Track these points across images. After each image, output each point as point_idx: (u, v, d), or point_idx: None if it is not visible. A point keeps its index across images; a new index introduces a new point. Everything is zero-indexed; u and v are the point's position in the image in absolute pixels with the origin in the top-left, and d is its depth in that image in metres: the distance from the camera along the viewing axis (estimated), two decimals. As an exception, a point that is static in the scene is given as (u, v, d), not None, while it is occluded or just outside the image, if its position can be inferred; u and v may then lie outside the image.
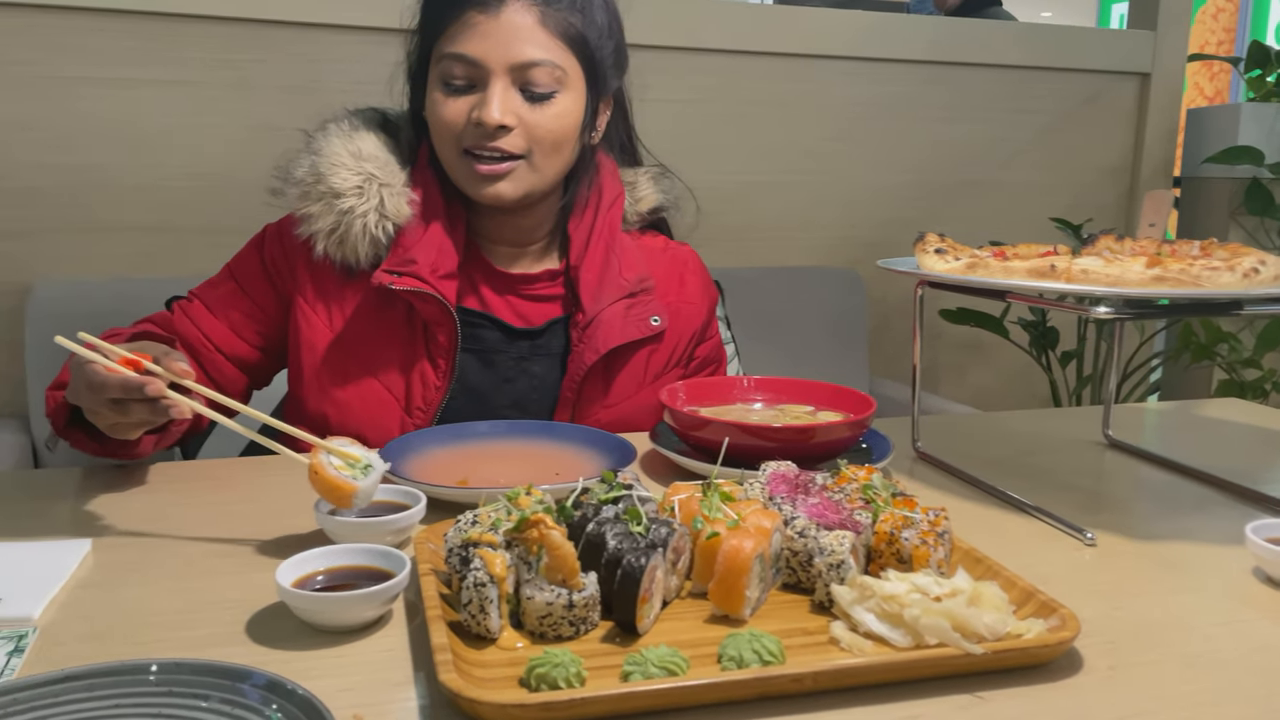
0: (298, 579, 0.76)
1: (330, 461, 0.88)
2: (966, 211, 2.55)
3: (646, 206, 1.38)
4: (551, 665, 0.65)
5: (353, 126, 1.25)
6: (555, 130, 1.20)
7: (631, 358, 1.29)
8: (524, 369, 1.28)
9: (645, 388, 1.30)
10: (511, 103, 1.17)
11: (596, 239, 1.29)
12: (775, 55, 2.34)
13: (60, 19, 1.83)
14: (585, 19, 1.21)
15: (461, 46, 1.17)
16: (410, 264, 1.20)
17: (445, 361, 1.23)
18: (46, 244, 1.90)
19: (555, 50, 1.18)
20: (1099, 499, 1.13)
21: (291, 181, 1.22)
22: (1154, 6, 2.59)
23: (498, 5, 1.17)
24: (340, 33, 2.02)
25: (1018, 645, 0.70)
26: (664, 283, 1.34)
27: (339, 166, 1.20)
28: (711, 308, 1.41)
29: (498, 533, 0.76)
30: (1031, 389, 2.69)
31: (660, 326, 1.28)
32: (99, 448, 1.06)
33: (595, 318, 1.25)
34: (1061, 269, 0.95)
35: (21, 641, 0.71)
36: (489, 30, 1.16)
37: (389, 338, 1.24)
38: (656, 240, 1.40)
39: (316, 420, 1.23)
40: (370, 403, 1.22)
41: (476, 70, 1.17)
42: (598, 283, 1.27)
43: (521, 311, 1.29)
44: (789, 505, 0.85)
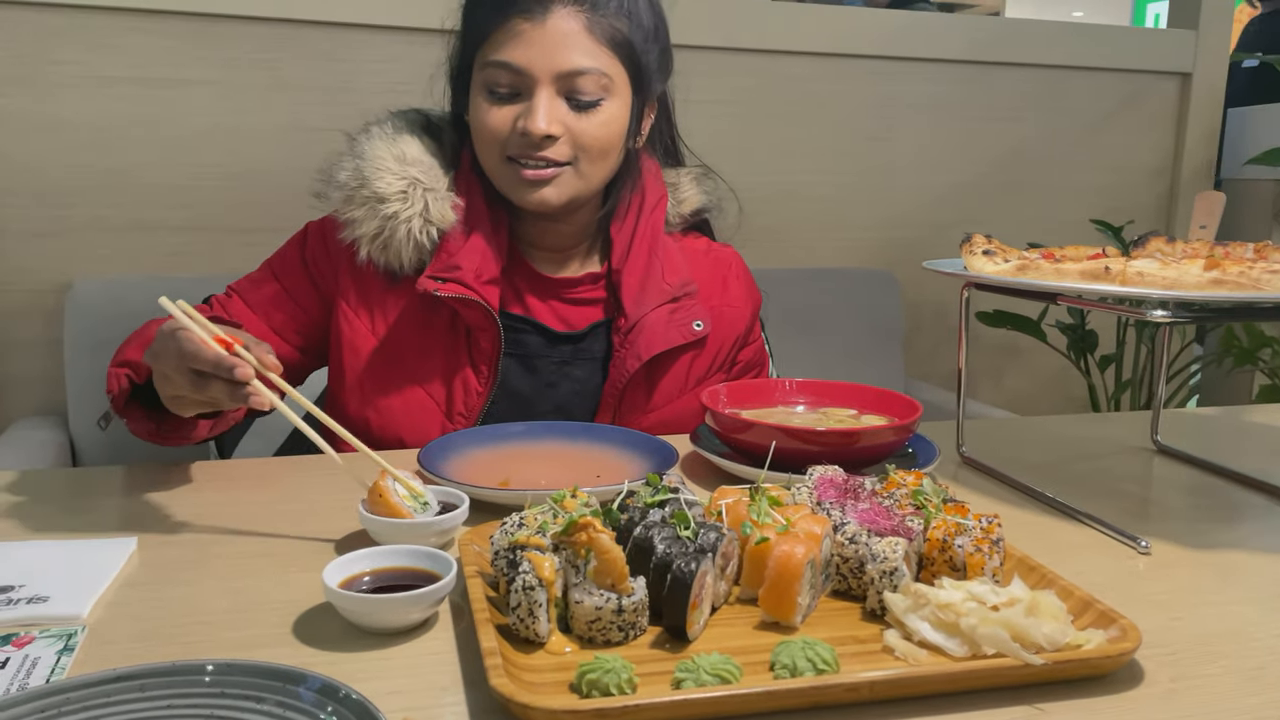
0: (344, 580, 0.75)
1: (395, 488, 0.88)
2: (1004, 213, 2.52)
3: (689, 208, 1.36)
4: (603, 671, 0.64)
5: (396, 129, 1.24)
6: (601, 138, 1.18)
7: (674, 363, 1.28)
8: (566, 373, 1.27)
9: (687, 392, 1.29)
10: (557, 111, 1.16)
11: (639, 242, 1.27)
12: (811, 55, 2.32)
13: (99, 19, 1.84)
14: (632, 23, 1.19)
15: (506, 54, 1.15)
16: (454, 270, 1.19)
17: (488, 367, 1.22)
18: (84, 243, 1.91)
19: (602, 57, 1.17)
20: (1150, 506, 1.11)
21: (334, 185, 1.21)
22: (1195, 6, 2.55)
23: (543, 13, 1.15)
24: (375, 33, 2.02)
25: (1078, 656, 0.68)
26: (707, 286, 1.32)
27: (383, 171, 1.19)
28: (755, 311, 1.39)
29: (545, 535, 0.75)
30: (1068, 393, 2.65)
31: (703, 331, 1.27)
32: (152, 429, 1.06)
33: (638, 323, 1.24)
34: (1116, 271, 0.93)
35: (71, 640, 0.71)
36: (534, 38, 1.14)
37: (432, 343, 1.23)
38: (699, 242, 1.38)
39: (358, 425, 1.23)
40: (412, 408, 1.22)
41: (521, 78, 1.16)
42: (640, 287, 1.26)
43: (563, 315, 1.28)
44: (838, 511, 0.83)
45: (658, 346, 1.24)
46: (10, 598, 0.76)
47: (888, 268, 2.40)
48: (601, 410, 1.26)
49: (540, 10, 1.15)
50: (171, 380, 0.94)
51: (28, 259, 1.89)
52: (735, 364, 1.36)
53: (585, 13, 1.16)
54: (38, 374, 1.92)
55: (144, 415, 1.07)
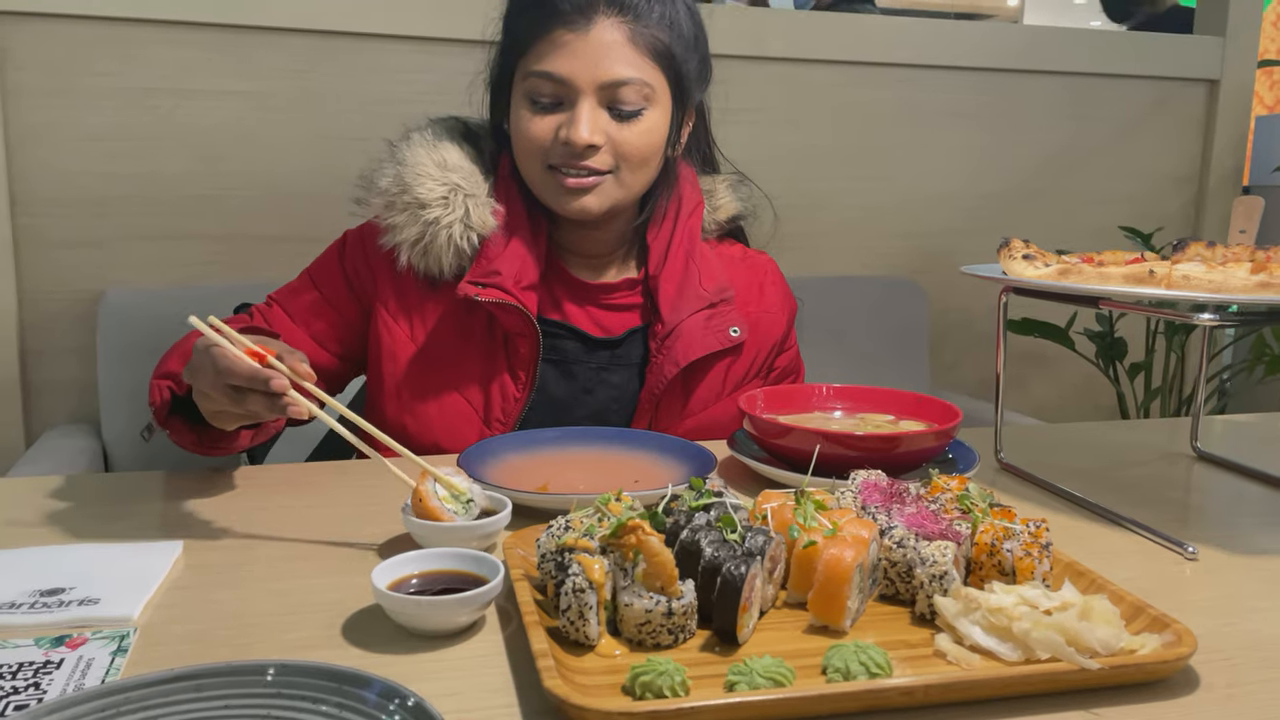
0: (392, 582, 0.76)
1: (435, 491, 0.88)
2: (1030, 220, 2.50)
3: (725, 215, 1.37)
4: (656, 673, 0.64)
5: (436, 136, 1.25)
6: (642, 147, 1.19)
7: (711, 369, 1.27)
8: (603, 379, 1.27)
9: (724, 398, 1.29)
10: (600, 121, 1.17)
11: (676, 248, 1.27)
12: (839, 63, 2.31)
13: (135, 31, 1.86)
14: (673, 34, 1.20)
15: (549, 65, 1.16)
16: (494, 275, 1.19)
17: (526, 373, 1.22)
18: (118, 252, 1.93)
19: (644, 68, 1.17)
20: (1193, 512, 1.10)
21: (376, 191, 1.22)
22: (1223, 12, 2.54)
23: (586, 23, 1.15)
24: (403, 43, 2.03)
25: (1134, 661, 0.67)
26: (743, 292, 1.33)
27: (424, 177, 1.20)
28: (791, 317, 1.39)
29: (592, 538, 0.75)
30: (1095, 401, 2.63)
31: (740, 338, 1.27)
32: (194, 440, 1.07)
33: (675, 329, 1.24)
34: (1161, 275, 0.92)
35: (124, 641, 0.71)
36: (578, 49, 1.15)
37: (470, 349, 1.23)
38: (734, 249, 1.39)
39: (396, 430, 1.22)
40: (450, 414, 1.22)
41: (564, 88, 1.16)
42: (677, 292, 1.26)
43: (601, 321, 1.28)
44: (884, 515, 0.83)
45: (695, 352, 1.24)
46: (61, 600, 0.77)
47: (913, 276, 2.39)
48: (638, 416, 1.26)
49: (584, 21, 1.15)
50: (210, 397, 0.95)
51: (61, 268, 1.90)
52: (772, 370, 1.36)
53: (628, 24, 1.16)
54: (70, 382, 1.94)
55: (185, 426, 1.07)
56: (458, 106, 1.42)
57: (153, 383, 1.09)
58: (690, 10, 1.24)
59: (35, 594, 0.77)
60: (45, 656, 0.69)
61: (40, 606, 0.75)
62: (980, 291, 2.49)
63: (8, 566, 0.82)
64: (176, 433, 1.07)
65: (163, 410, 1.07)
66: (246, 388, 0.90)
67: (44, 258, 1.89)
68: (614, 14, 1.16)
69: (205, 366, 0.92)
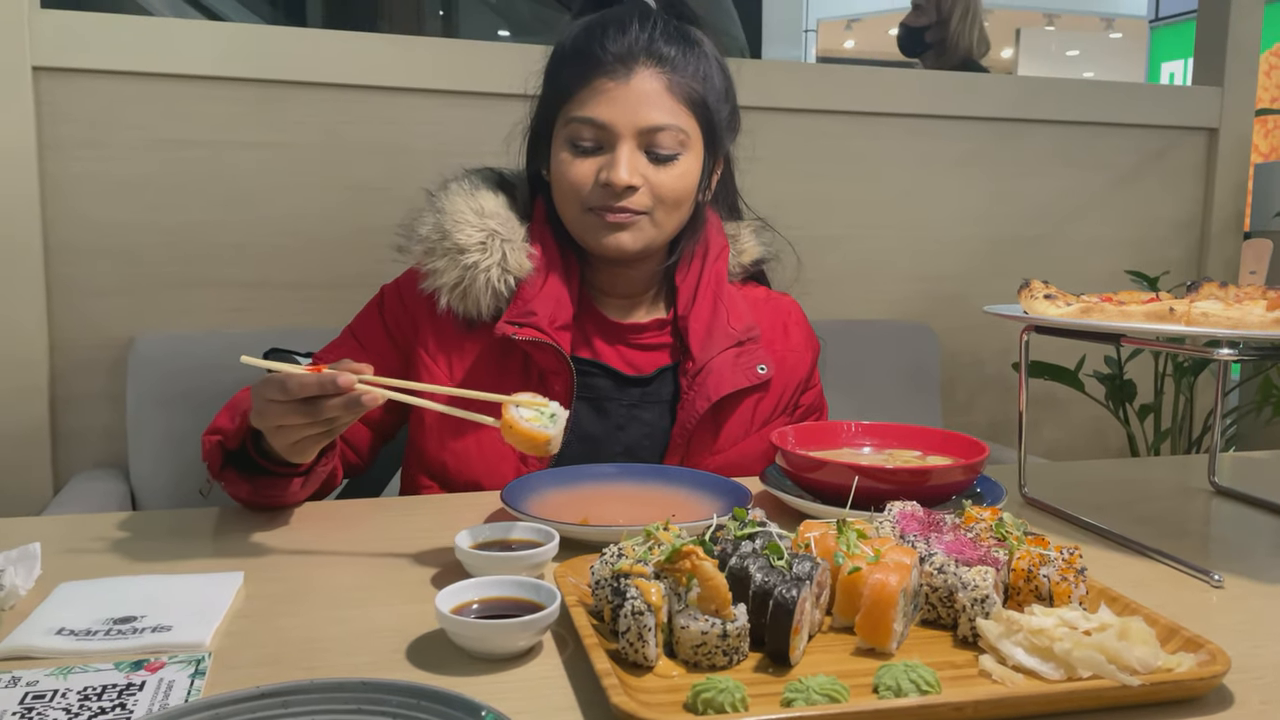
0: (454, 607, 0.79)
1: (521, 415, 0.92)
2: (1037, 265, 2.55)
3: (749, 258, 1.42)
4: (717, 690, 0.67)
5: (473, 185, 1.31)
6: (678, 189, 1.25)
7: (740, 405, 1.32)
8: (635, 416, 1.31)
9: (752, 434, 1.33)
10: (638, 164, 1.22)
11: (704, 289, 1.33)
12: (846, 114, 2.38)
13: (170, 86, 1.92)
14: (706, 85, 1.27)
15: (591, 111, 1.22)
16: (530, 315, 1.24)
17: None
18: (148, 300, 1.97)
19: (680, 115, 1.24)
20: (1214, 544, 1.13)
21: (416, 239, 1.28)
22: (1220, 63, 2.61)
23: (627, 73, 1.22)
24: (425, 96, 2.09)
25: (1172, 678, 0.70)
26: (769, 332, 1.38)
27: (463, 224, 1.26)
28: (815, 357, 1.44)
29: (646, 564, 0.78)
30: (1106, 443, 2.67)
31: (767, 375, 1.31)
32: (250, 490, 1.09)
33: (705, 365, 1.29)
34: (1180, 312, 0.96)
35: (201, 665, 0.74)
36: (618, 96, 1.22)
37: (506, 388, 1.26)
38: (758, 291, 1.44)
39: (436, 468, 1.28)
40: (488, 451, 1.26)
41: (605, 133, 1.23)
42: (706, 331, 1.31)
43: (632, 360, 1.33)
44: (922, 543, 0.86)
45: (725, 388, 1.28)
46: (135, 627, 0.80)
47: (924, 319, 2.43)
48: (670, 452, 1.29)
49: (624, 71, 1.22)
50: (286, 425, 0.97)
51: (92, 315, 1.94)
52: (798, 407, 1.40)
53: (666, 74, 1.24)
54: (99, 427, 1.97)
55: (240, 478, 1.09)
56: (476, 156, 1.48)
57: (204, 439, 1.12)
58: (721, 65, 1.31)
59: (109, 622, 0.80)
60: (127, 679, 0.72)
61: (115, 634, 0.78)
62: (991, 335, 2.53)
63: (81, 597, 0.85)
64: (232, 484, 1.10)
65: (215, 462, 1.10)
66: (319, 396, 0.93)
67: (76, 306, 1.93)
68: (653, 65, 1.23)
69: (273, 394, 0.95)
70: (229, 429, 1.10)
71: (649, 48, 1.24)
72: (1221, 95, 2.61)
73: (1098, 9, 11.97)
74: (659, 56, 1.24)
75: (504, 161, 1.41)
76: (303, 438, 0.99)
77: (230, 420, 1.11)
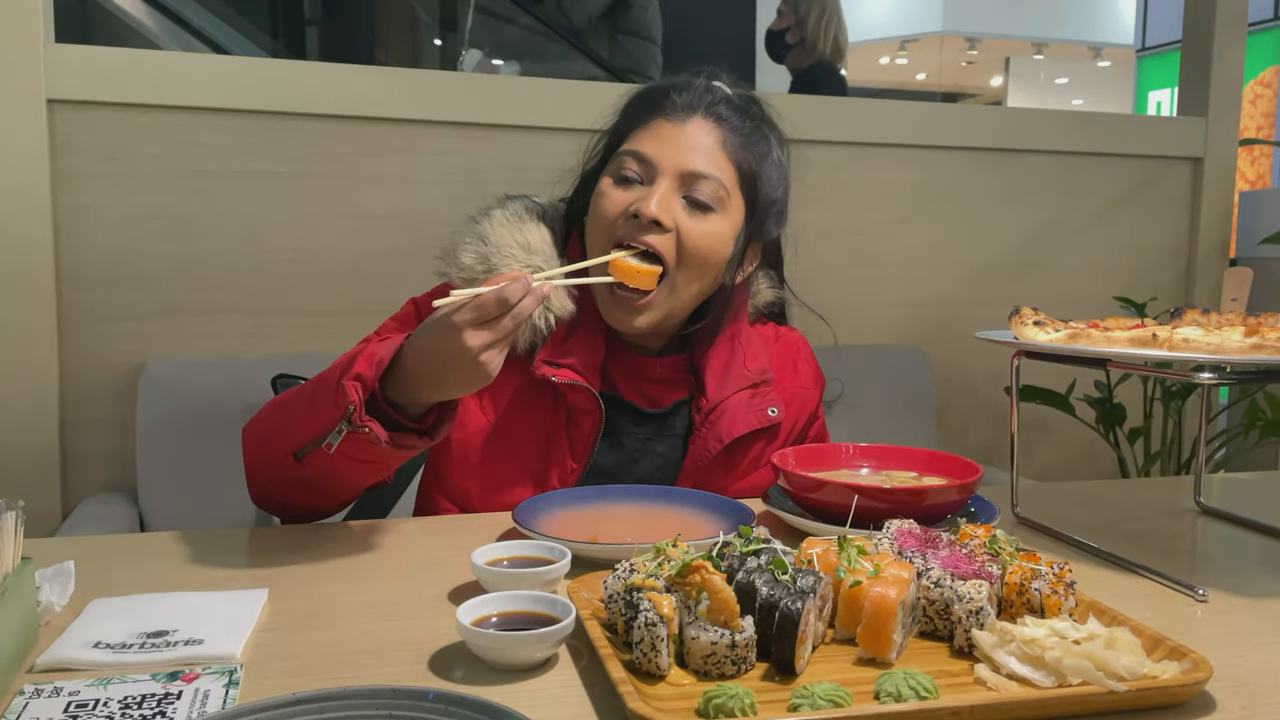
0: (474, 620, 0.82)
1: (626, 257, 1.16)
2: (1026, 291, 2.61)
3: (763, 300, 1.46)
4: (727, 696, 0.71)
5: (518, 217, 1.30)
6: (704, 246, 1.24)
7: (751, 446, 1.35)
8: (649, 449, 1.33)
9: (761, 468, 1.36)
10: (671, 204, 1.23)
11: (723, 334, 1.34)
12: (838, 144, 2.44)
13: (182, 117, 1.97)
14: (760, 161, 1.30)
15: (640, 145, 1.26)
16: (568, 356, 1.26)
17: (584, 448, 1.29)
18: (159, 326, 2.01)
19: (725, 171, 1.26)
20: (1200, 560, 1.17)
21: (458, 267, 1.26)
22: (1204, 93, 2.68)
23: (684, 118, 1.26)
24: (432, 127, 2.15)
25: (1158, 684, 0.74)
26: (779, 370, 1.40)
27: (509, 258, 1.25)
28: (821, 391, 1.48)
29: (657, 579, 0.82)
30: (1096, 465, 2.71)
31: (777, 418, 1.34)
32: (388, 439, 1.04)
33: (719, 405, 1.31)
34: (1163, 338, 1.01)
35: (234, 675, 0.77)
36: (670, 136, 1.25)
37: (536, 422, 1.29)
38: (767, 328, 1.46)
39: (459, 492, 1.30)
40: (512, 481, 1.28)
41: (648, 169, 1.24)
42: (723, 372, 1.33)
43: (649, 394, 1.34)
44: (919, 558, 0.90)
45: (738, 430, 1.31)
46: (168, 640, 0.83)
47: (918, 345, 2.48)
48: (680, 484, 1.32)
49: (682, 116, 1.26)
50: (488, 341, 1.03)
51: (103, 342, 1.98)
52: (805, 439, 1.44)
53: (721, 130, 1.27)
54: (109, 452, 2.00)
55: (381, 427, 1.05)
56: (480, 185, 1.51)
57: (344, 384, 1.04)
58: (781, 147, 1.34)
59: (142, 635, 0.84)
60: (164, 689, 0.75)
61: (150, 647, 0.82)
62: (983, 359, 2.58)
63: (113, 612, 0.88)
64: (373, 430, 1.04)
65: (360, 405, 1.03)
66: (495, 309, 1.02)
67: (87, 332, 1.97)
68: (710, 118, 1.27)
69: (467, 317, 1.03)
70: (368, 375, 1.04)
71: (711, 106, 1.27)
72: (1206, 125, 2.68)
73: (1086, 38, 12.15)
74: (719, 116, 1.27)
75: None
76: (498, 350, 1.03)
77: (368, 367, 1.04)
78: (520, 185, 1.49)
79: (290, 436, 1.12)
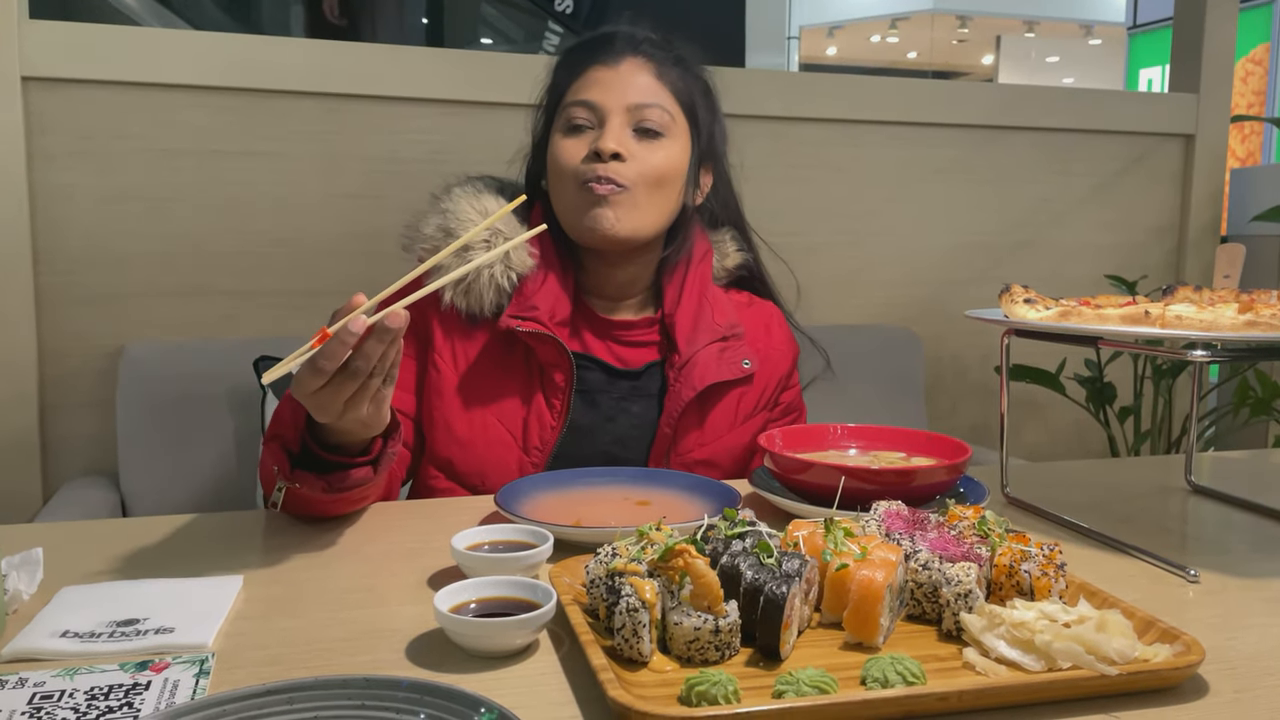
0: (452, 607, 0.80)
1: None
2: (1017, 270, 2.59)
3: (732, 263, 1.49)
4: (710, 683, 0.69)
5: (476, 190, 1.37)
6: (660, 166, 1.32)
7: (724, 397, 1.38)
8: (624, 408, 1.36)
9: (736, 428, 1.39)
10: (625, 137, 1.30)
11: (689, 289, 1.39)
12: (828, 121, 2.41)
13: (160, 95, 1.93)
14: (692, 87, 1.37)
15: (584, 94, 1.32)
16: (533, 310, 1.30)
17: (560, 402, 1.32)
18: (138, 308, 1.98)
19: (665, 98, 1.34)
20: (1191, 541, 1.16)
21: (421, 238, 1.32)
22: (1196, 70, 2.66)
23: (616, 60, 1.33)
24: (415, 105, 2.11)
25: (1149, 668, 0.73)
26: (751, 331, 1.44)
27: (466, 222, 1.31)
28: (794, 358, 1.50)
29: (640, 564, 0.80)
30: (1086, 445, 2.70)
31: (751, 369, 1.38)
32: (325, 486, 1.05)
33: (690, 358, 1.35)
34: (1155, 315, 0.99)
35: (205, 665, 0.75)
36: (609, 80, 1.32)
37: (509, 381, 1.33)
38: (741, 296, 1.50)
39: (443, 464, 1.32)
40: (493, 444, 1.31)
41: (596, 113, 1.31)
42: (692, 327, 1.37)
43: (620, 355, 1.38)
44: (907, 540, 0.89)
45: (710, 378, 1.35)
46: (138, 629, 0.81)
47: (908, 324, 2.47)
48: (657, 442, 1.35)
49: (614, 59, 1.34)
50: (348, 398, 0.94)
51: (82, 324, 1.95)
52: (777, 404, 1.46)
53: (654, 64, 1.35)
54: (89, 436, 1.97)
55: (314, 477, 1.05)
56: (466, 164, 1.52)
57: (265, 452, 1.09)
58: (710, 86, 1.43)
59: (112, 624, 0.82)
60: (132, 679, 0.73)
61: (119, 636, 0.80)
62: (974, 339, 2.57)
63: (83, 601, 0.86)
64: (307, 484, 1.05)
65: (285, 465, 1.05)
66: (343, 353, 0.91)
67: (65, 314, 1.94)
68: (641, 55, 1.35)
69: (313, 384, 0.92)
70: (289, 433, 1.06)
71: (639, 46, 1.35)
72: (1197, 102, 2.66)
73: (1077, 16, 12.12)
74: (647, 54, 1.35)
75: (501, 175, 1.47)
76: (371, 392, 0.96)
77: (285, 426, 1.07)
78: (505, 163, 1.48)
79: (265, 491, 1.13)
